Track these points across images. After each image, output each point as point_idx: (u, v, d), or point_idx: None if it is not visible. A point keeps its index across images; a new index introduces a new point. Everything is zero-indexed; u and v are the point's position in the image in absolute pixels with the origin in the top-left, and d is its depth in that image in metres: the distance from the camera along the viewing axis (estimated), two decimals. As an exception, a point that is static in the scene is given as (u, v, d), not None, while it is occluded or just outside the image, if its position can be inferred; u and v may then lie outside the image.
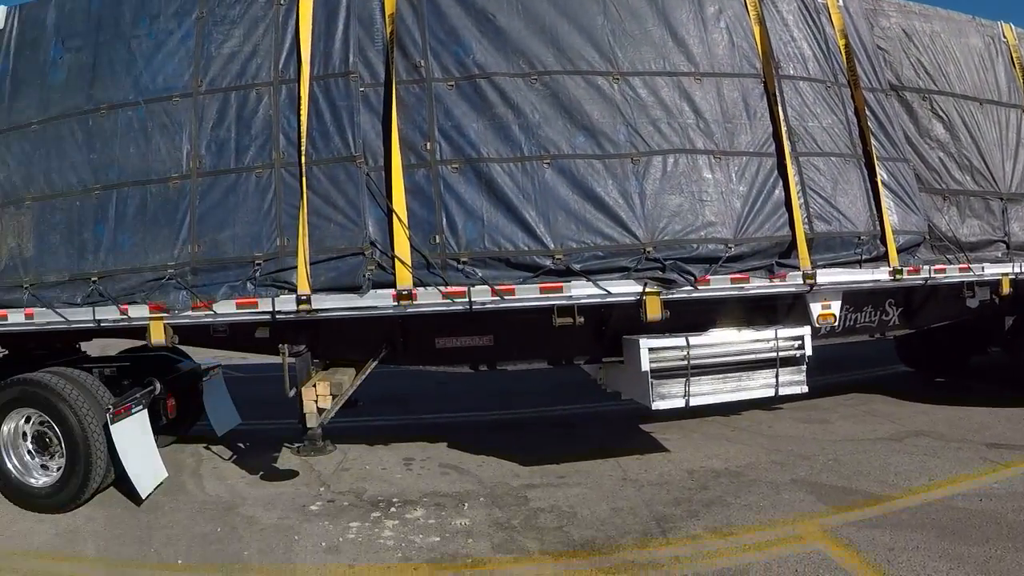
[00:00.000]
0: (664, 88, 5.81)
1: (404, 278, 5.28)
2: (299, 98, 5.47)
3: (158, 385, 6.22)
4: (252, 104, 5.58)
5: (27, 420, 6.10)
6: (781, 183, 5.89)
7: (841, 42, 6.51)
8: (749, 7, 6.20)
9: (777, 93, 6.03)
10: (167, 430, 6.92)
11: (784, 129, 5.96)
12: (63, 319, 5.78)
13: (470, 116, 5.48)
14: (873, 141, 6.28)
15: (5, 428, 6.07)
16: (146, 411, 6.00)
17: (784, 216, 5.85)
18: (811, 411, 7.62)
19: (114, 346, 7.25)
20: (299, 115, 5.44)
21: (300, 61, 5.52)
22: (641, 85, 5.76)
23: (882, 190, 6.17)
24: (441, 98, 5.50)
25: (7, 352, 7.01)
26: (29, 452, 6.13)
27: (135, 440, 5.85)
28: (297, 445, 5.66)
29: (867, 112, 6.37)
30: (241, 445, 7.33)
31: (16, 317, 5.94)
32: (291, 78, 5.56)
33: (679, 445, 6.74)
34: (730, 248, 5.66)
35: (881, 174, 6.21)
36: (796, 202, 5.85)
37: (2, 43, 6.19)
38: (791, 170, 5.90)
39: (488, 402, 8.86)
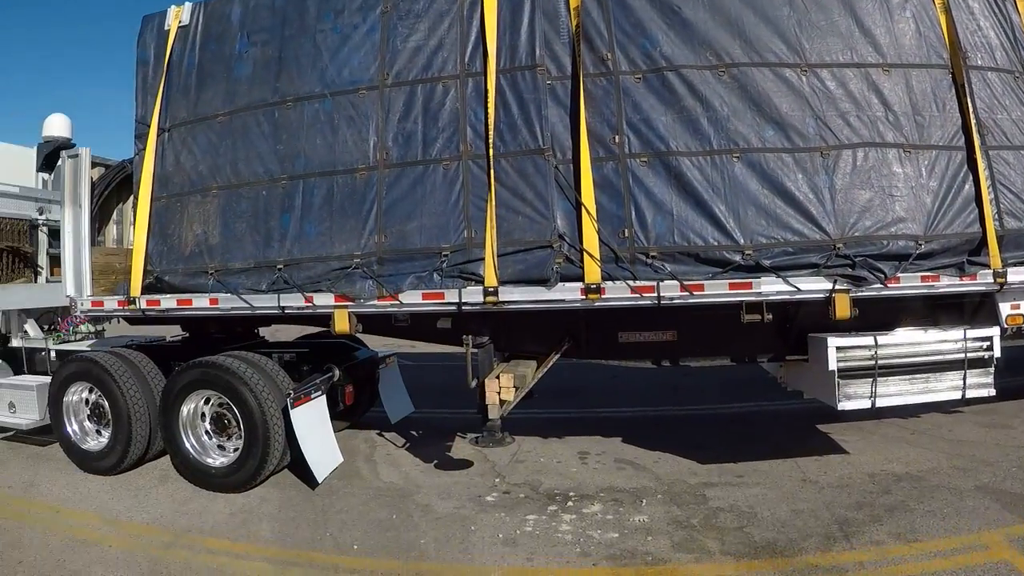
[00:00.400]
0: (852, 80, 5.62)
1: (592, 272, 5.26)
2: (486, 91, 5.50)
3: (337, 372, 6.37)
4: (439, 97, 5.64)
5: (206, 401, 6.36)
6: (971, 178, 5.64)
7: (1028, 30, 6.19)
8: (935, -6, 5.94)
9: (966, 84, 5.77)
10: (341, 416, 7.05)
11: (973, 122, 5.68)
12: (248, 306, 5.96)
13: (658, 109, 5.42)
14: (1064, 134, 5.96)
15: (185, 409, 6.34)
16: (324, 397, 6.14)
17: (974, 212, 5.60)
18: (992, 415, 7.31)
19: (283, 331, 7.45)
20: (486, 108, 5.47)
21: (486, 54, 5.54)
22: (829, 77, 5.59)
23: (1073, 186, 5.85)
24: (629, 91, 5.45)
25: (188, 335, 7.29)
26: (207, 432, 6.40)
27: (313, 425, 5.99)
28: (476, 436, 5.70)
29: (1056, 104, 6.04)
30: (414, 433, 7.43)
31: (201, 302, 6.17)
32: (477, 71, 5.59)
33: (858, 447, 6.55)
34: (920, 245, 5.44)
35: (1073, 169, 5.88)
36: (986, 198, 5.57)
37: (188, 38, 6.40)
38: (981, 164, 5.63)
39: (659, 397, 8.75)
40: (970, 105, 5.72)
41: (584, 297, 5.27)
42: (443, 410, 8.04)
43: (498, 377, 5.43)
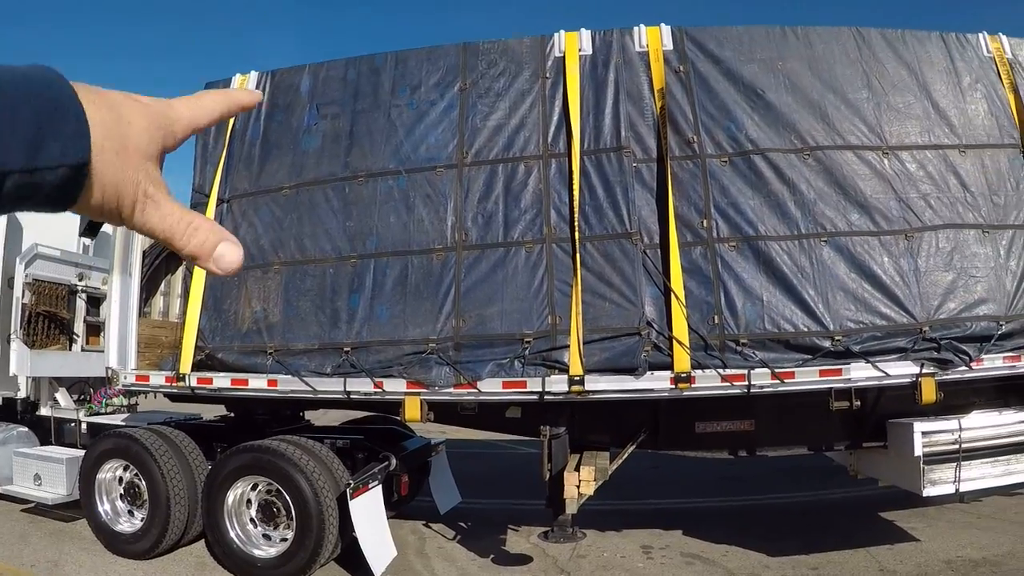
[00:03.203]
0: (931, 161, 5.64)
1: (682, 360, 5.12)
2: (570, 172, 5.38)
3: (394, 461, 6.03)
4: (521, 177, 5.51)
5: (253, 487, 5.98)
6: (1045, 257, 5.68)
7: (1088, 108, 6.28)
8: (1003, 75, 6.01)
9: (1037, 163, 5.83)
10: (389, 506, 6.55)
11: (1045, 201, 5.75)
12: (310, 389, 5.68)
13: (745, 193, 5.37)
14: None
15: (231, 495, 5.94)
16: (381, 487, 5.80)
17: (1049, 291, 5.63)
18: (1057, 495, 7.28)
19: (315, 415, 7.08)
20: (571, 190, 5.36)
21: (570, 135, 5.44)
22: (909, 159, 5.61)
23: None
24: (716, 174, 5.39)
25: (231, 415, 6.97)
26: (252, 521, 6.00)
27: (371, 517, 5.61)
28: (545, 531, 5.48)
29: (1119, 182, 6.12)
30: (463, 524, 7.06)
31: (258, 383, 5.85)
32: (561, 152, 5.49)
33: (927, 534, 6.40)
34: (1001, 325, 5.43)
35: None
36: (1061, 277, 5.63)
37: (253, 108, 6.18)
38: (1054, 243, 5.68)
39: (708, 488, 8.45)
40: (1041, 184, 5.78)
41: (674, 386, 5.11)
42: (489, 500, 7.75)
43: (578, 470, 5.23)
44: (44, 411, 7.67)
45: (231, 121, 6.21)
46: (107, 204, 0.53)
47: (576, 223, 5.30)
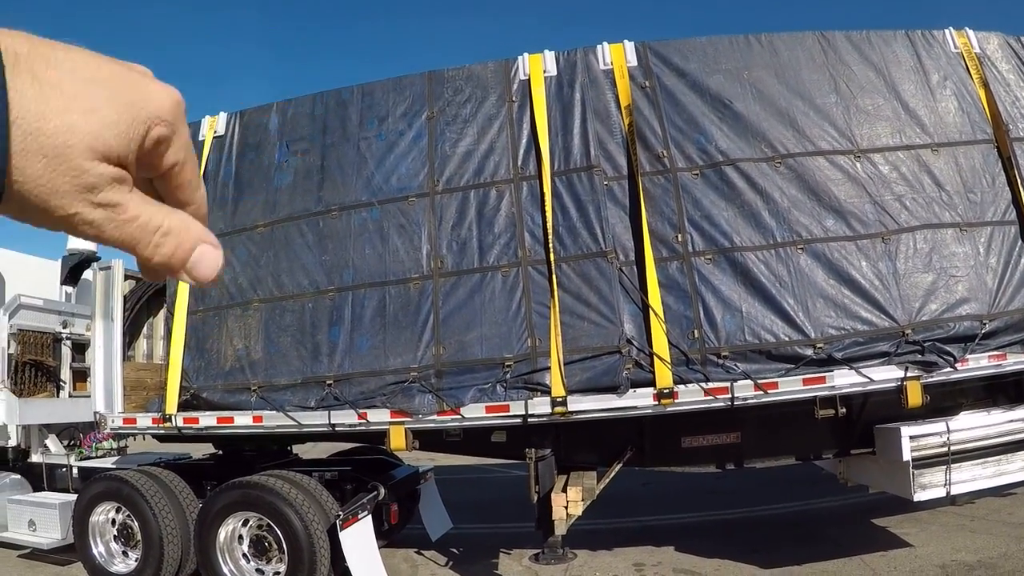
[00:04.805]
0: (904, 162, 5.62)
1: (664, 376, 5.09)
2: (542, 194, 5.37)
3: (382, 490, 6.02)
4: (493, 202, 5.50)
5: (244, 523, 6.00)
6: (1026, 251, 5.64)
7: (1061, 98, 6.25)
8: (971, 70, 6.00)
9: (1012, 156, 5.80)
10: (381, 535, 6.46)
11: (1023, 194, 5.71)
12: (295, 423, 5.68)
13: (719, 205, 5.34)
14: (1107, 201, 5.99)
15: (223, 532, 5.96)
16: (371, 517, 5.79)
17: (1033, 286, 5.59)
18: (1048, 495, 7.17)
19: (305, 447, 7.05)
20: (544, 212, 5.34)
21: (540, 157, 5.44)
22: (882, 161, 5.59)
23: (1124, 253, 5.86)
24: (688, 188, 5.37)
25: (219, 453, 6.97)
26: (244, 556, 6.01)
27: (362, 547, 5.62)
28: (536, 553, 5.44)
29: (1096, 170, 6.08)
30: (455, 551, 7.01)
31: (243, 420, 5.86)
32: (531, 174, 5.48)
33: (920, 539, 6.30)
34: (984, 324, 5.38)
35: (1122, 236, 5.90)
36: (1043, 270, 5.59)
37: (224, 148, 6.21)
38: (1034, 237, 5.65)
39: (698, 502, 8.36)
40: (1018, 177, 5.73)
41: (657, 402, 5.08)
42: (480, 525, 7.72)
43: (565, 490, 5.21)
44: (35, 458, 7.71)
45: (203, 163, 6.23)
46: (33, 217, 0.41)
47: (551, 244, 5.29)
